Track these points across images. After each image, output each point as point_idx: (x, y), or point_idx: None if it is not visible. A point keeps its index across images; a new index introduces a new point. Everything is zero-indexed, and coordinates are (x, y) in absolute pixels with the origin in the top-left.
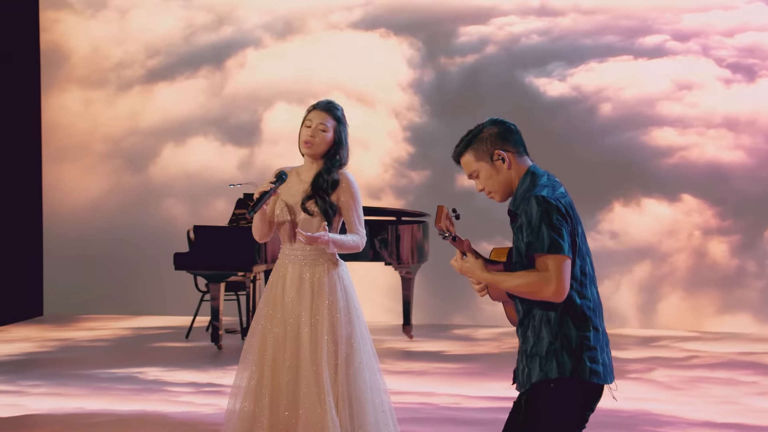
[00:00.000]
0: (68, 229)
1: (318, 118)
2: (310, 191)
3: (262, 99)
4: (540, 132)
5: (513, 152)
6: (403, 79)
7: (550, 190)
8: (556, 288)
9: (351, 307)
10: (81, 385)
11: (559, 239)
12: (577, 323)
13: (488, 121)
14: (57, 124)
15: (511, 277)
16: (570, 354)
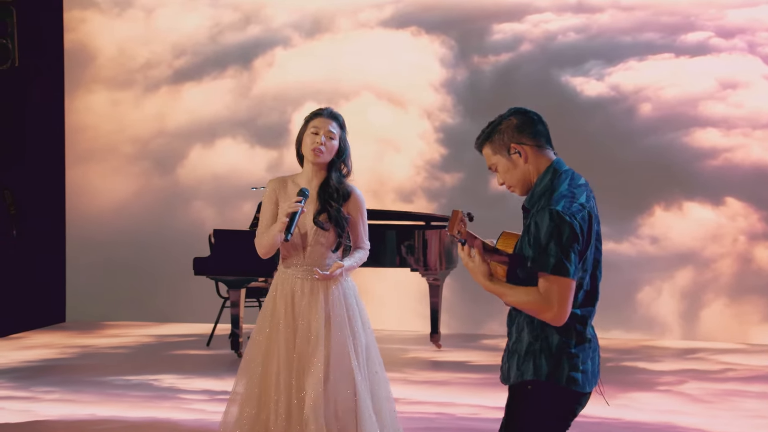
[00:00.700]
0: (92, 233)
1: (325, 125)
2: (319, 204)
3: (291, 99)
4: (577, 133)
5: (531, 145)
6: (434, 78)
7: (568, 203)
8: (557, 313)
9: (364, 316)
10: (94, 391)
11: (565, 261)
12: (560, 329)
13: (509, 112)
14: (83, 126)
15: (513, 292)
16: (548, 358)
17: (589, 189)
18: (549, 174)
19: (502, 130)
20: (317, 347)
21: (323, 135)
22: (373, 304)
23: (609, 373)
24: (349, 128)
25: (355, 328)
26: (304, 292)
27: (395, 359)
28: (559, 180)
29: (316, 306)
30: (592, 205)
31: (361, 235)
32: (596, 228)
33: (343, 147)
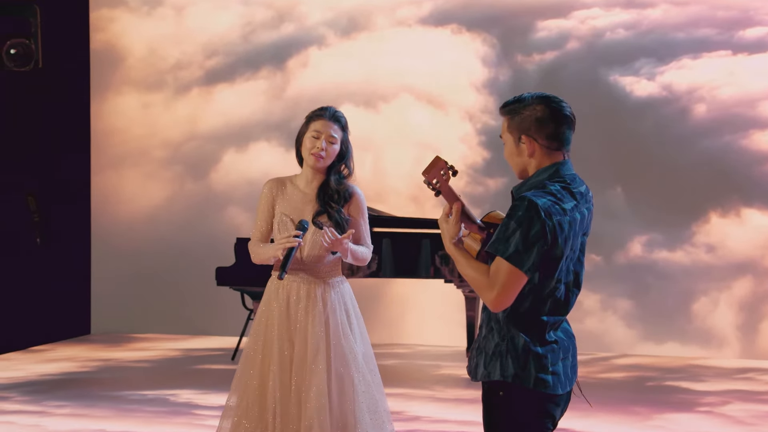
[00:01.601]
0: (119, 241)
1: (326, 129)
2: (319, 205)
3: (327, 101)
4: (626, 136)
5: (543, 145)
6: (476, 78)
7: (551, 201)
8: (496, 297)
9: (362, 327)
10: (107, 406)
11: (523, 253)
12: (523, 331)
13: (538, 98)
14: (111, 130)
15: (467, 263)
16: (514, 359)
17: (585, 199)
18: (549, 171)
19: (523, 115)
20: (317, 356)
21: (324, 140)
22: (409, 317)
23: (647, 393)
24: (387, 131)
25: (355, 335)
26: (300, 296)
27: (426, 376)
28: (554, 180)
29: (314, 311)
30: (579, 217)
31: (362, 235)
32: (581, 239)
33: (345, 150)
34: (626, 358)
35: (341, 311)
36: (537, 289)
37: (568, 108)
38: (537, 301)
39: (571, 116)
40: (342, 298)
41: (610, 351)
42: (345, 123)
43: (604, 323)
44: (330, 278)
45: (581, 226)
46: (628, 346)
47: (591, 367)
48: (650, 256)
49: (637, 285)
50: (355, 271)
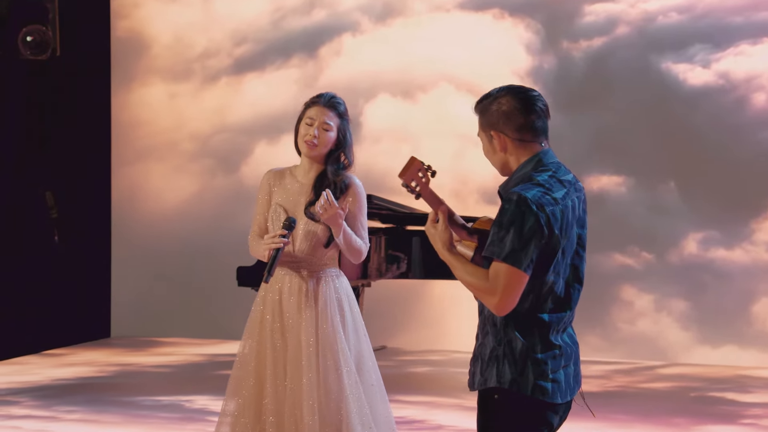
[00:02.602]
0: (141, 239)
1: (321, 116)
2: (314, 195)
3: (362, 91)
4: (680, 127)
5: (513, 139)
6: (519, 66)
7: (540, 193)
8: (499, 302)
9: (357, 321)
10: (119, 412)
11: (520, 251)
12: (523, 332)
13: (505, 90)
14: (137, 122)
15: (464, 267)
16: (512, 364)
17: (575, 188)
18: (531, 164)
19: (491, 111)
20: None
21: (317, 127)
22: (449, 321)
23: (690, 404)
24: (426, 122)
25: (348, 333)
26: (292, 290)
27: (457, 384)
28: (540, 170)
29: (306, 306)
30: (571, 205)
31: (359, 230)
32: (578, 231)
33: (342, 137)
34: (672, 368)
35: (333, 307)
36: (537, 287)
37: (537, 97)
38: (537, 299)
39: (539, 105)
40: (336, 293)
41: (664, 354)
42: (343, 110)
43: (657, 325)
44: (324, 271)
45: (574, 215)
46: (683, 350)
47: (634, 376)
48: (706, 255)
49: (693, 285)
50: (384, 272)
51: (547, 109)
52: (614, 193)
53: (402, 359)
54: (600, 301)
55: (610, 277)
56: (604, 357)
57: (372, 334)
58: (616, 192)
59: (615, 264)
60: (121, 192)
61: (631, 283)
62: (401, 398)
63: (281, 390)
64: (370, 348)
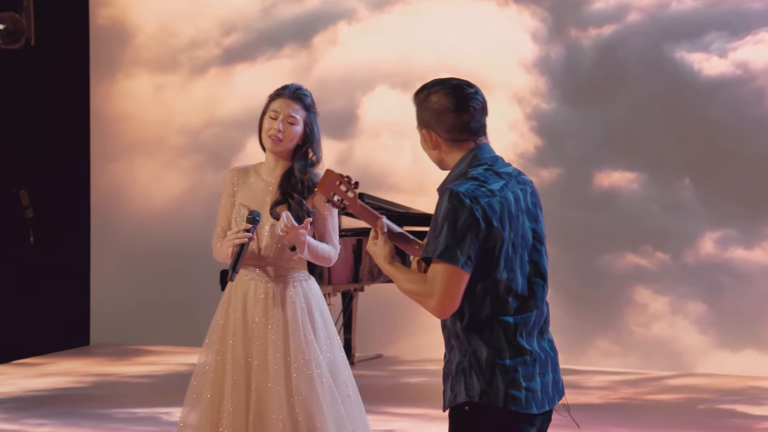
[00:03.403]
0: (123, 240)
1: (285, 108)
2: (279, 195)
3: (359, 82)
4: (695, 121)
5: (445, 138)
6: (524, 56)
7: (474, 185)
8: (437, 303)
9: (330, 328)
10: (90, 425)
11: (455, 247)
12: (487, 339)
13: (437, 85)
14: (121, 115)
15: (405, 277)
16: (479, 374)
17: (517, 180)
18: (466, 160)
19: (424, 107)
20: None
21: (282, 120)
22: None
23: (697, 416)
24: None
25: (320, 340)
26: (258, 296)
27: None
28: (475, 165)
29: (272, 313)
30: (513, 197)
31: (329, 231)
32: (531, 225)
33: (309, 132)
34: (681, 378)
35: (303, 313)
36: (492, 288)
37: (471, 95)
38: (496, 301)
39: (473, 104)
40: (305, 298)
41: (680, 359)
42: (310, 102)
43: (673, 328)
44: (292, 275)
45: (519, 207)
46: (700, 355)
47: (640, 387)
48: (724, 255)
49: (710, 287)
50: (376, 275)
51: (483, 106)
52: (626, 190)
53: (398, 369)
54: (612, 303)
55: (623, 278)
56: (617, 362)
57: (367, 342)
58: (628, 189)
59: (627, 264)
60: (103, 190)
61: (644, 284)
62: (394, 410)
63: (240, 404)
64: (344, 357)
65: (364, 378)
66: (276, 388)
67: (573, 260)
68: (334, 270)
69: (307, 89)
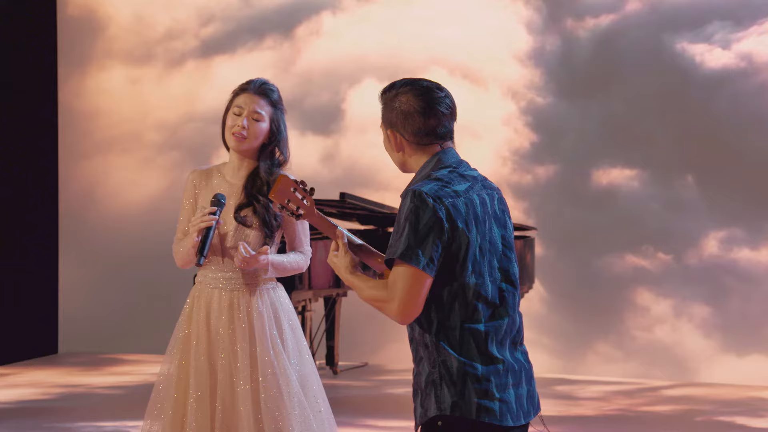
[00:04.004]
0: (96, 241)
1: (250, 104)
2: (244, 197)
3: (345, 75)
4: (697, 115)
5: (410, 141)
6: (519, 48)
7: (437, 186)
8: (398, 307)
9: (299, 340)
10: None
11: (416, 248)
12: (457, 348)
13: (405, 86)
14: (97, 110)
15: (365, 284)
16: (450, 386)
17: (483, 184)
18: (431, 164)
19: (390, 107)
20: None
21: (246, 117)
22: None
23: (695, 429)
24: None
25: (289, 352)
26: (222, 306)
27: None
28: (439, 168)
29: (237, 324)
30: (478, 200)
31: (298, 236)
32: (500, 232)
33: (276, 129)
34: (678, 389)
35: (270, 323)
36: (460, 293)
37: (441, 98)
38: (465, 307)
39: (443, 109)
40: (273, 307)
41: (684, 364)
42: (277, 98)
43: (677, 332)
44: (259, 283)
45: (485, 211)
46: (705, 359)
47: (636, 398)
48: (729, 256)
49: (715, 289)
50: None
51: (452, 111)
52: (625, 188)
53: (382, 378)
54: (612, 306)
55: (623, 280)
56: (618, 368)
57: (352, 350)
58: (628, 187)
59: (627, 265)
60: (74, 190)
61: (646, 286)
62: (378, 423)
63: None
64: (314, 369)
65: (347, 389)
66: (243, 404)
67: (570, 262)
68: (314, 274)
69: (273, 84)
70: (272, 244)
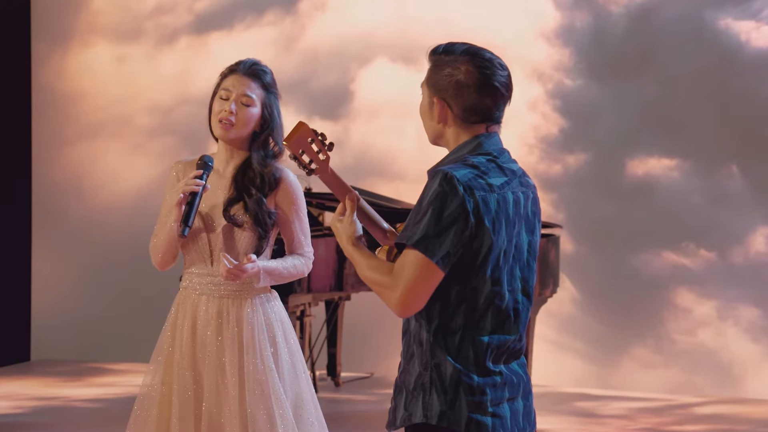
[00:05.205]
0: (74, 235)
1: (240, 86)
2: (234, 192)
3: (353, 55)
4: (742, 99)
5: (457, 116)
6: (545, 25)
7: (471, 174)
8: (400, 298)
9: (296, 356)
10: None
11: (435, 238)
12: (454, 354)
13: (466, 53)
14: (81, 92)
15: (366, 262)
16: (441, 393)
17: (520, 181)
18: (469, 146)
19: (443, 72)
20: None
21: (234, 101)
22: None
23: None
24: None
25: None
26: (210, 315)
27: None
28: (477, 154)
29: (226, 336)
30: (512, 198)
31: (297, 236)
32: (528, 237)
33: (269, 115)
34: (709, 406)
35: (263, 337)
36: (470, 296)
37: (502, 75)
38: (472, 313)
39: (501, 88)
40: (266, 320)
41: (729, 370)
42: (270, 81)
43: (722, 336)
44: (251, 291)
45: (518, 212)
46: (753, 365)
47: (664, 416)
48: None
49: (763, 289)
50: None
51: (510, 94)
52: (664, 180)
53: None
54: (649, 308)
55: (661, 279)
56: (657, 375)
57: (356, 359)
58: (667, 178)
59: (667, 264)
60: (53, 179)
61: (687, 286)
62: None
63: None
64: (311, 388)
65: (350, 403)
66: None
67: (604, 260)
68: (314, 275)
69: (266, 66)
70: (267, 245)
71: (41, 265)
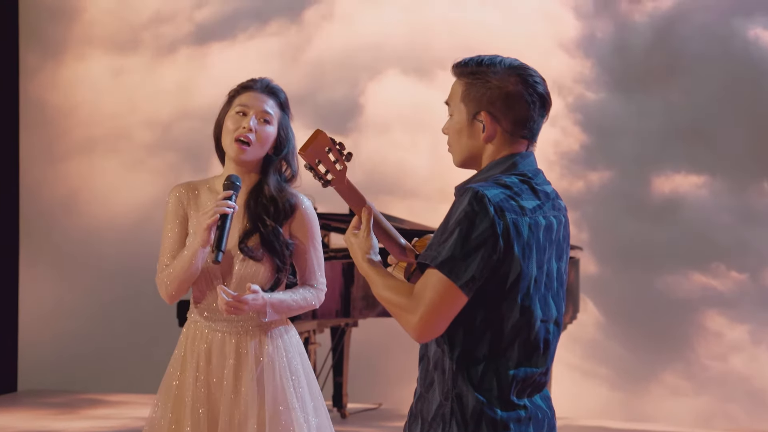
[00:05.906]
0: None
1: (258, 103)
2: (248, 222)
3: (362, 66)
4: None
5: (506, 131)
6: (565, 35)
7: (503, 195)
8: (419, 321)
9: (314, 390)
10: None
11: (461, 260)
12: (477, 384)
13: (512, 67)
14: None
15: (383, 281)
16: (461, 426)
17: (553, 205)
18: (503, 165)
19: (491, 84)
20: None
21: (254, 117)
22: None
23: None
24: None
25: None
26: (224, 352)
27: None
28: (511, 174)
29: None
30: (545, 223)
31: (311, 267)
32: (557, 264)
33: (285, 137)
34: None
35: (285, 371)
36: (496, 324)
37: (545, 89)
38: (499, 342)
39: (547, 98)
40: (286, 354)
41: (765, 397)
42: (285, 100)
43: (756, 362)
44: (268, 326)
45: (548, 237)
46: None
47: None
48: None
49: None
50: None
51: (550, 103)
52: (692, 197)
53: (399, 425)
54: (678, 331)
55: (690, 302)
56: (688, 403)
57: (364, 389)
58: (695, 195)
59: (695, 286)
60: (46, 197)
61: (717, 309)
62: None
63: None
64: (329, 422)
65: None
66: None
67: (629, 281)
68: None
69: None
70: (285, 277)
71: (29, 289)
